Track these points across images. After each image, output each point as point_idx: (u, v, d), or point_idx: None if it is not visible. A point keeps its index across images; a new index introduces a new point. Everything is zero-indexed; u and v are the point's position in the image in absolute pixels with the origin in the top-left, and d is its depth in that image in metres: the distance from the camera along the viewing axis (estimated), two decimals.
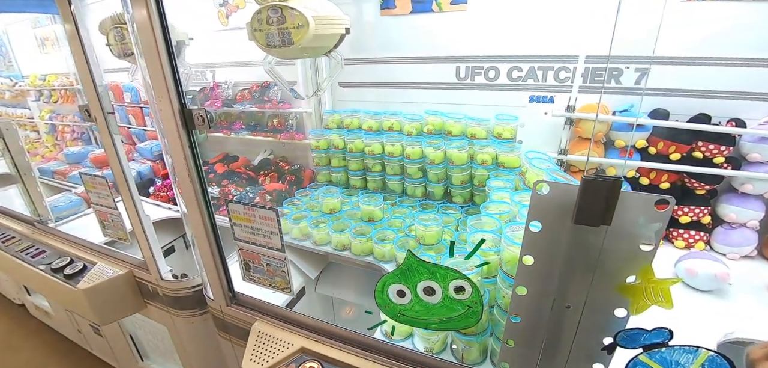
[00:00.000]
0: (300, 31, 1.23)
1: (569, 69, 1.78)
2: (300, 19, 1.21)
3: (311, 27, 1.21)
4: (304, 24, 1.20)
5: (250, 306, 1.44)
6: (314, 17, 1.21)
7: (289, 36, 1.24)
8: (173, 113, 1.13)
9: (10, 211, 2.26)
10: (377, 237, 1.73)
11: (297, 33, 1.23)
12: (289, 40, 1.25)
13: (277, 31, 1.25)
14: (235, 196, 2.15)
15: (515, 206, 1.32)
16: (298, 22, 1.21)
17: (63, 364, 2.66)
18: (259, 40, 1.27)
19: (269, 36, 1.26)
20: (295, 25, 1.22)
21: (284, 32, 1.24)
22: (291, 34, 1.24)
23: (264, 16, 1.24)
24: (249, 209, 1.21)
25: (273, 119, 2.36)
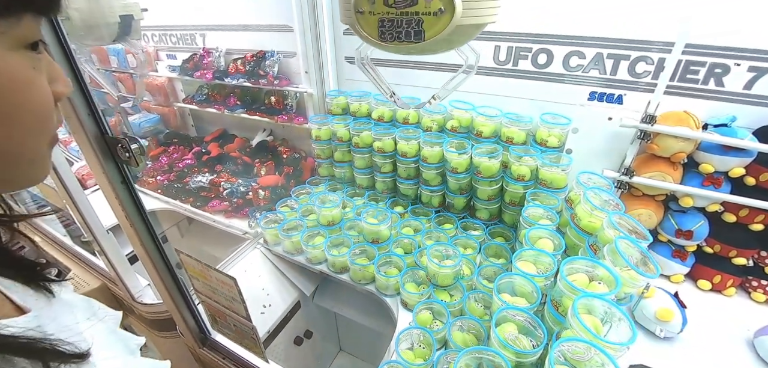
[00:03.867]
0: (438, 19, 0.75)
1: (651, 60, 1.29)
2: (442, 1, 0.73)
3: (457, 13, 0.73)
4: (448, 8, 0.73)
5: (225, 354, 1.21)
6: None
7: (418, 26, 0.77)
8: (88, 139, 0.82)
9: None
10: (380, 264, 1.43)
11: (433, 22, 0.75)
12: (417, 32, 0.78)
13: (399, 17, 0.78)
14: (226, 189, 1.88)
15: (567, 287, 0.95)
16: (437, 6, 0.74)
17: None
18: (366, 27, 0.81)
19: (385, 24, 0.79)
20: (432, 10, 0.75)
21: (412, 20, 0.77)
22: (423, 23, 0.76)
23: None
24: (205, 269, 0.93)
25: (270, 96, 2.01)
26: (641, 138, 1.32)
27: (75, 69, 0.77)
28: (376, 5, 0.77)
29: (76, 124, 0.81)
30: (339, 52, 1.81)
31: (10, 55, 0.34)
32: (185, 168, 2.12)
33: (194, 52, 2.17)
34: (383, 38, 0.80)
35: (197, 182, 1.97)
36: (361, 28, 0.82)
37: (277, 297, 1.60)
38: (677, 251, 1.41)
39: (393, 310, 1.36)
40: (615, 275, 0.89)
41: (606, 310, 0.85)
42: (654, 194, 1.40)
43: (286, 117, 1.94)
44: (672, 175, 1.32)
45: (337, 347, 2.22)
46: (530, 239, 1.21)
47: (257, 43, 1.98)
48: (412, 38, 0.78)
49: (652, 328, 1.18)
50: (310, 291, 1.71)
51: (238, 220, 1.83)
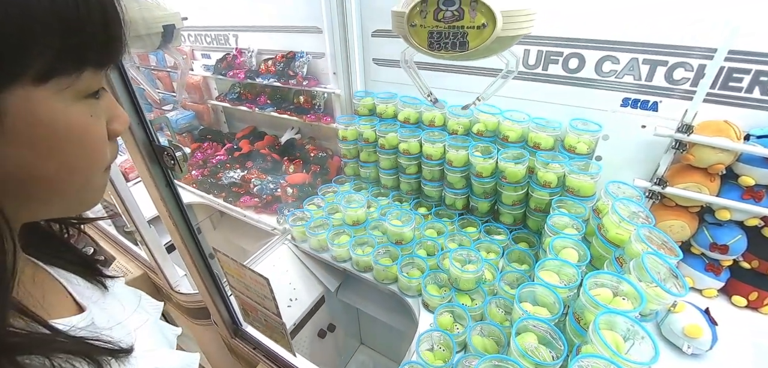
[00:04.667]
0: (480, 32, 0.84)
1: (691, 66, 1.24)
2: (485, 16, 0.83)
3: (498, 26, 0.82)
4: (490, 22, 0.82)
5: (255, 344, 1.29)
6: (504, 13, 0.82)
7: (463, 38, 0.87)
8: (137, 147, 0.89)
9: None
10: (403, 265, 1.46)
11: (476, 35, 0.85)
12: (462, 43, 0.88)
13: (446, 30, 0.88)
14: (256, 186, 1.96)
15: (590, 300, 0.95)
16: (481, 21, 0.83)
17: None
18: (417, 38, 0.91)
19: (433, 35, 0.89)
20: (477, 24, 0.84)
21: (458, 32, 0.87)
22: (468, 35, 0.86)
23: (431, 8, 0.86)
24: (240, 268, 0.99)
25: (299, 95, 2.07)
26: (676, 148, 1.27)
27: (127, 83, 0.84)
28: (427, 19, 0.87)
29: (128, 133, 0.88)
30: (367, 53, 1.84)
31: (70, 107, 0.36)
32: (218, 164, 2.22)
33: (228, 52, 2.26)
34: (432, 48, 0.91)
35: (229, 178, 2.07)
36: (412, 39, 0.92)
37: (303, 291, 1.67)
38: (711, 265, 1.36)
39: (414, 311, 1.39)
40: (640, 292, 0.88)
41: (629, 327, 0.85)
42: (688, 205, 1.35)
43: (313, 117, 1.99)
44: (708, 186, 1.27)
45: (358, 341, 2.28)
46: (554, 248, 1.21)
47: (287, 44, 2.04)
48: (457, 48, 0.88)
49: (679, 343, 1.15)
50: (335, 287, 1.76)
51: (267, 216, 1.91)
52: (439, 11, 0.85)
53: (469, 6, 0.82)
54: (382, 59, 1.82)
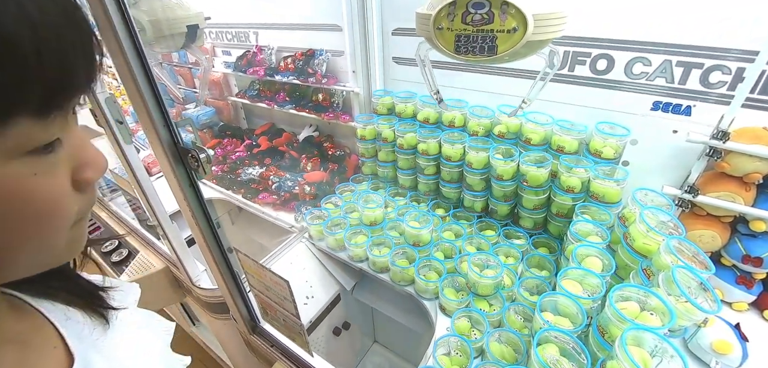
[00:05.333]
0: (510, 36, 0.80)
1: (729, 69, 1.18)
2: (516, 20, 0.79)
3: (529, 30, 0.78)
4: (520, 26, 0.79)
5: (272, 342, 1.30)
6: (535, 16, 0.78)
7: (492, 41, 0.83)
8: (162, 147, 0.91)
9: None
10: (420, 267, 1.45)
11: (506, 39, 0.81)
12: (491, 47, 0.84)
13: (474, 34, 0.84)
14: (274, 183, 1.98)
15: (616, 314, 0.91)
16: (511, 25, 0.80)
17: None
18: (444, 42, 0.87)
19: (461, 39, 0.85)
20: (507, 28, 0.81)
21: (486, 36, 0.83)
22: (497, 39, 0.82)
23: (460, 11, 0.82)
24: (260, 269, 1.00)
25: (317, 93, 2.07)
26: (710, 155, 1.22)
27: (151, 81, 0.85)
28: (455, 22, 0.83)
29: (153, 134, 0.89)
30: (386, 52, 1.82)
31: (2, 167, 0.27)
32: (237, 160, 2.25)
33: (248, 49, 2.28)
34: (458, 52, 0.87)
35: (248, 175, 2.09)
36: (437, 42, 0.88)
37: (320, 289, 1.68)
38: (742, 278, 1.30)
39: (431, 314, 1.38)
40: (670, 308, 0.85)
41: (657, 344, 0.82)
42: (720, 215, 1.29)
43: (332, 115, 1.99)
44: (743, 196, 1.21)
45: (372, 340, 2.29)
46: (577, 256, 1.18)
47: (307, 41, 2.04)
48: (485, 53, 0.84)
49: (706, 359, 1.11)
50: (350, 286, 1.77)
51: (284, 213, 1.93)
52: (467, 14, 0.81)
53: (499, 9, 0.79)
54: (402, 58, 1.80)
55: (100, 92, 1.15)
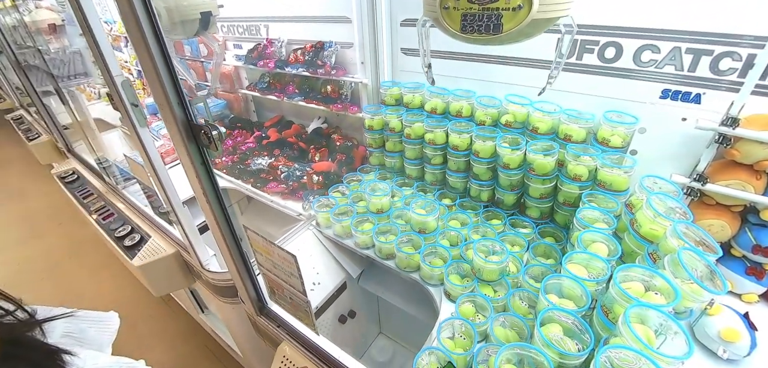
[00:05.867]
0: (516, 13, 0.81)
1: (740, 56, 1.17)
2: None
3: (534, 8, 0.79)
4: (526, 3, 0.80)
5: (279, 323, 1.33)
6: None
7: (498, 20, 0.84)
8: (176, 125, 0.94)
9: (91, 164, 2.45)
10: (426, 254, 1.46)
11: (511, 17, 0.82)
12: (496, 26, 0.85)
13: (480, 12, 0.84)
14: (283, 173, 2.01)
15: (620, 294, 0.92)
16: (517, 2, 0.81)
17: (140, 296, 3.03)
18: (450, 22, 0.88)
19: (467, 18, 0.86)
20: (512, 5, 0.82)
21: (492, 14, 0.84)
22: (502, 17, 0.83)
23: None
24: (268, 245, 1.02)
25: (326, 85, 2.10)
26: (719, 142, 1.21)
27: (169, 63, 0.88)
28: (461, 2, 0.84)
29: (167, 111, 0.93)
30: (395, 43, 1.84)
31: None
32: (247, 151, 2.29)
33: (258, 42, 2.32)
34: (464, 31, 0.88)
35: (258, 165, 2.13)
36: (444, 21, 0.89)
37: (326, 276, 1.70)
38: (752, 269, 1.28)
39: (436, 300, 1.39)
40: (675, 287, 0.85)
41: (661, 322, 0.82)
42: (730, 204, 1.27)
43: (340, 106, 2.02)
44: (754, 184, 1.20)
45: (377, 329, 2.31)
46: (583, 241, 1.18)
47: (317, 33, 2.07)
48: (491, 31, 0.84)
49: (714, 348, 1.10)
50: (357, 274, 1.79)
51: (293, 202, 1.96)
52: None
53: None
54: (410, 49, 1.82)
55: (117, 76, 1.19)
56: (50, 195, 4.51)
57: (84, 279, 3.32)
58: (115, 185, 2.19)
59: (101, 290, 3.18)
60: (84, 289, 3.21)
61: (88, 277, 3.34)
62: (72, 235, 3.85)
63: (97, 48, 1.10)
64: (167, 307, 2.93)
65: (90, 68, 2.54)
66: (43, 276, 3.38)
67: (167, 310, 2.91)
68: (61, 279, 3.34)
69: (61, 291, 3.20)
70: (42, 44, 2.44)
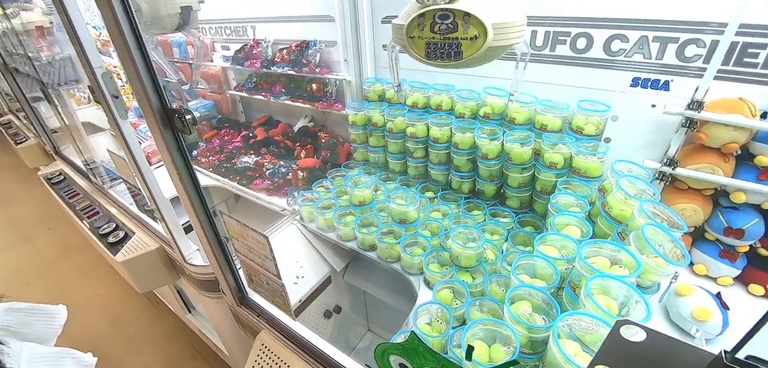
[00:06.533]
0: (473, 42, 0.90)
1: (703, 42, 1.21)
2: (477, 28, 0.88)
3: (489, 38, 0.87)
4: (482, 34, 0.88)
5: (259, 312, 1.33)
6: (494, 25, 0.87)
7: (458, 48, 0.93)
8: (151, 110, 0.95)
9: (78, 165, 2.45)
10: (406, 243, 1.48)
11: (469, 46, 0.90)
12: (456, 54, 0.93)
13: (442, 42, 0.93)
14: (268, 170, 2.02)
15: (587, 269, 0.94)
16: (473, 33, 0.89)
17: (129, 298, 3.01)
18: (416, 49, 0.97)
19: (430, 46, 0.95)
20: (469, 36, 0.90)
21: (452, 43, 0.93)
22: (461, 46, 0.92)
23: (428, 22, 0.92)
24: (242, 228, 1.04)
25: (312, 83, 2.13)
26: (687, 127, 1.24)
27: (145, 55, 0.91)
28: (424, 32, 0.93)
29: (143, 98, 0.94)
30: (377, 40, 1.88)
31: None
32: (234, 150, 2.31)
33: (245, 42, 2.35)
34: (429, 57, 0.97)
35: (244, 163, 2.15)
36: (411, 49, 0.98)
37: (310, 270, 1.71)
38: (726, 252, 1.30)
39: (416, 288, 1.40)
40: (637, 258, 0.87)
41: (625, 293, 0.84)
42: (701, 187, 1.30)
43: (325, 103, 2.04)
44: (722, 167, 1.23)
45: (365, 327, 2.30)
46: (556, 225, 1.20)
47: (301, 33, 2.11)
48: (452, 58, 0.93)
49: (687, 328, 1.11)
50: (341, 268, 1.80)
51: (278, 198, 1.97)
52: (435, 24, 0.90)
53: (462, 19, 0.87)
54: None
55: (98, 67, 1.21)
56: (38, 200, 4.50)
57: (72, 282, 3.30)
58: (101, 185, 2.20)
59: (89, 292, 3.16)
60: (72, 292, 3.18)
61: (77, 280, 3.32)
62: (61, 239, 3.82)
63: (74, 34, 1.12)
64: (155, 309, 2.91)
65: (81, 74, 2.56)
66: (31, 280, 3.35)
67: (155, 312, 2.89)
68: (49, 283, 3.32)
69: (49, 295, 3.17)
70: (32, 51, 2.45)
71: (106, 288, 3.17)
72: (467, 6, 0.85)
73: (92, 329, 2.82)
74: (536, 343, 0.91)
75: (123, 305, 2.99)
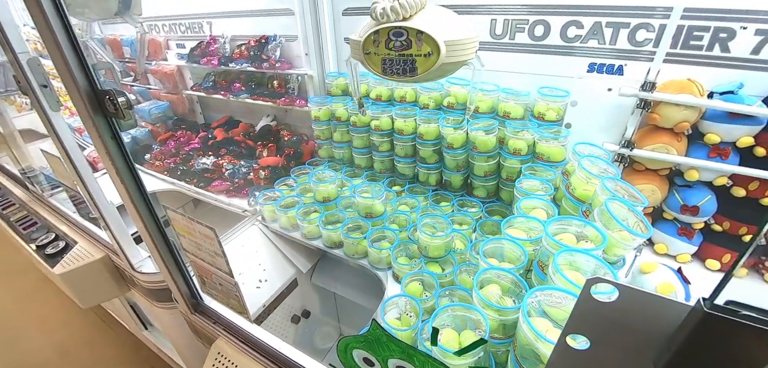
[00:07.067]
0: (427, 59, 0.91)
1: (652, 27, 1.25)
2: (430, 46, 0.89)
3: (442, 55, 0.89)
4: (435, 51, 0.89)
5: (215, 319, 1.23)
6: (446, 42, 0.88)
7: (412, 64, 0.94)
8: (79, 94, 0.85)
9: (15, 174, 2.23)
10: (373, 238, 1.42)
11: (423, 62, 0.92)
12: (411, 70, 0.94)
13: (397, 58, 0.94)
14: (228, 170, 1.92)
15: (554, 244, 0.92)
16: (427, 50, 0.90)
17: (77, 321, 2.77)
18: (372, 65, 0.97)
19: (386, 62, 0.96)
20: (423, 52, 0.91)
21: (407, 60, 0.94)
22: (416, 62, 0.93)
23: (383, 39, 0.92)
24: (189, 222, 0.94)
25: (273, 80, 2.04)
26: (642, 108, 1.27)
27: (70, 31, 0.81)
28: (380, 48, 0.95)
29: (68, 78, 0.84)
30: (338, 32, 1.83)
31: None
32: (191, 151, 2.18)
33: (201, 39, 2.24)
34: (385, 73, 0.98)
35: (201, 165, 2.02)
36: (368, 64, 1.00)
37: (274, 272, 1.62)
38: (683, 229, 1.35)
39: (384, 283, 1.35)
40: (602, 232, 0.86)
41: (593, 268, 0.82)
42: (657, 168, 1.34)
43: (287, 100, 1.97)
44: (676, 146, 1.27)
45: (337, 330, 2.22)
46: (522, 208, 1.19)
47: (260, 28, 2.03)
48: (407, 74, 0.95)
49: None
50: (308, 269, 1.71)
51: (238, 199, 1.86)
52: (389, 41, 0.92)
53: (415, 37, 0.89)
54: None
55: (22, 53, 1.08)
56: None
57: (13, 309, 2.99)
58: (40, 194, 2.00)
59: (33, 318, 2.87)
60: (13, 320, 2.88)
61: (17, 305, 3.01)
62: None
63: None
64: (111, 330, 2.67)
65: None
66: None
67: (110, 334, 2.66)
68: None
69: None
70: None
71: (52, 312, 2.89)
72: (420, 24, 0.87)
73: (37, 359, 2.55)
74: (507, 327, 0.88)
75: (72, 329, 2.73)
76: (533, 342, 0.71)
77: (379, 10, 0.89)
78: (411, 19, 0.89)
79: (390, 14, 0.88)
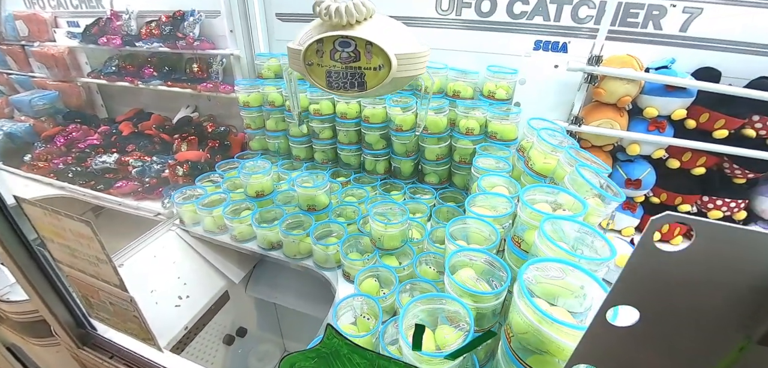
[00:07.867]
0: (377, 73, 0.84)
1: (593, 3, 1.25)
2: (381, 58, 0.82)
3: (393, 69, 0.82)
4: (386, 64, 0.82)
5: (112, 352, 0.94)
6: (398, 56, 0.81)
7: (362, 78, 0.86)
8: None
9: None
10: (318, 234, 1.24)
11: (373, 76, 0.85)
12: (361, 83, 0.86)
13: (344, 70, 0.85)
14: (136, 168, 1.58)
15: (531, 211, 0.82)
16: (377, 63, 0.83)
17: None
18: (315, 77, 0.89)
19: (331, 75, 0.87)
20: (373, 66, 0.84)
21: (356, 73, 0.86)
22: (365, 76, 0.85)
23: (327, 49, 0.83)
24: (53, 216, 0.68)
25: (192, 63, 1.75)
26: (589, 82, 1.27)
27: None
28: (324, 59, 0.86)
29: None
30: (268, 8, 1.62)
31: None
32: (88, 148, 1.78)
33: (100, 16, 1.85)
34: (331, 87, 0.89)
35: (101, 163, 1.65)
36: (310, 77, 0.91)
37: (197, 286, 1.34)
38: (627, 204, 1.38)
39: (333, 284, 1.17)
40: (580, 198, 0.79)
41: (575, 235, 0.74)
42: (602, 144, 1.36)
43: (210, 85, 1.69)
44: (619, 121, 1.29)
45: (280, 347, 1.96)
46: (484, 186, 1.10)
47: (174, 2, 1.73)
48: (356, 88, 0.87)
49: (611, 278, 1.10)
50: (241, 279, 1.46)
51: (150, 202, 1.54)
52: (335, 52, 0.84)
53: (364, 48, 0.82)
54: (286, 14, 1.61)
55: None
56: None
57: None
58: None
59: None
60: None
61: None
62: None
63: None
64: None
65: None
66: None
67: None
68: None
69: None
70: None
71: None
72: (369, 34, 0.79)
73: None
74: (486, 317, 0.76)
75: None
76: (540, 328, 0.59)
77: (323, 7, 0.79)
78: (358, 27, 0.80)
79: (334, 16, 0.79)
